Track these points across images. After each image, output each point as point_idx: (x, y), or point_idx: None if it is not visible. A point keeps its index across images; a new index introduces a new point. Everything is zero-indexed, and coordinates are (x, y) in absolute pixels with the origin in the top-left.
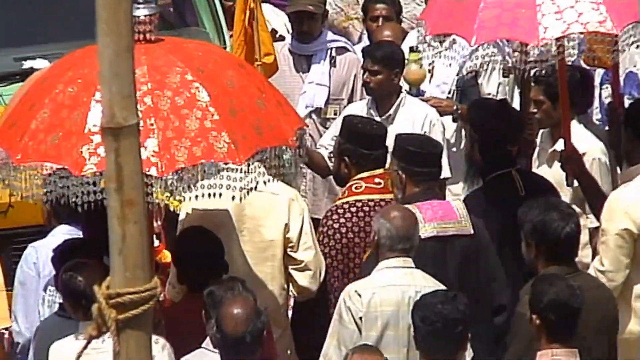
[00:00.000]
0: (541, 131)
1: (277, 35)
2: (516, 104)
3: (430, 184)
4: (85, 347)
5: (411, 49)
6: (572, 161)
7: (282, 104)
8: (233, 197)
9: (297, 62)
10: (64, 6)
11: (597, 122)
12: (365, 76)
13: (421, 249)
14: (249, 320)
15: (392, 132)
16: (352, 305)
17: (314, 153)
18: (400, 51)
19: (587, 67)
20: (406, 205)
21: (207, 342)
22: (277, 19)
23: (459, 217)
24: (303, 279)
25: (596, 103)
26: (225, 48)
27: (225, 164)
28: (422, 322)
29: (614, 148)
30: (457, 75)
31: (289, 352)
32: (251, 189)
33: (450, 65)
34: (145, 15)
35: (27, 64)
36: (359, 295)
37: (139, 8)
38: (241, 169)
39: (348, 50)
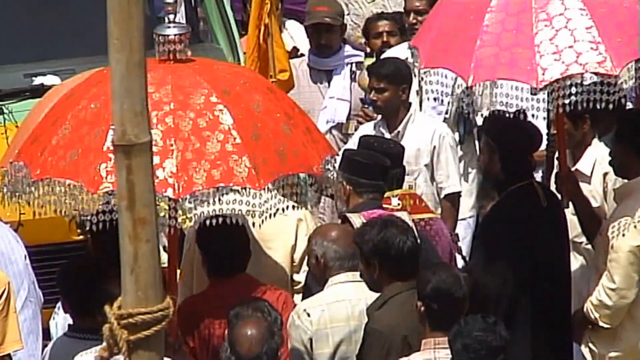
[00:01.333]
0: None
1: (299, 54)
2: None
3: (375, 195)
4: None
5: (366, 55)
6: (567, 182)
7: (311, 131)
8: (253, 224)
9: (317, 77)
10: (74, 22)
11: None
12: (372, 94)
13: None
14: (263, 340)
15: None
16: (301, 324)
17: None
18: (406, 66)
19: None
20: (352, 215)
21: None
22: (302, 36)
23: None
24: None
25: None
26: (239, 64)
27: (244, 188)
28: (464, 350)
29: None
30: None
31: None
32: (270, 215)
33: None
34: (175, 35)
35: (37, 80)
36: (308, 315)
37: (169, 27)
38: (261, 195)
39: None
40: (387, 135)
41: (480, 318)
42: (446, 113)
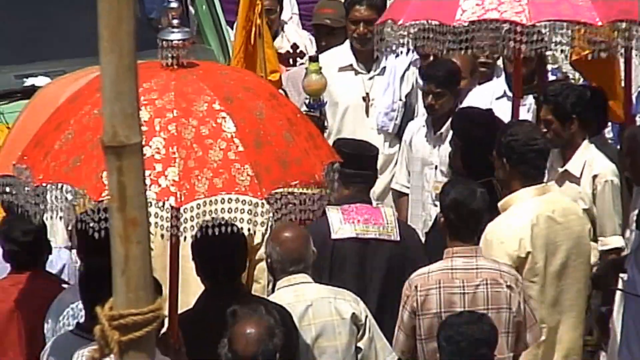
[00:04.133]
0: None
1: (298, 51)
2: None
3: (361, 187)
4: None
5: (310, 59)
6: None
7: (314, 137)
8: (249, 230)
9: None
10: (65, 24)
11: (610, 141)
12: (429, 99)
13: (340, 249)
14: (260, 340)
15: (443, 150)
16: None
17: None
18: (458, 68)
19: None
20: (330, 208)
21: None
22: (300, 37)
23: (385, 223)
24: (255, 291)
25: None
26: (229, 65)
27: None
28: (446, 342)
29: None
30: (401, 99)
31: None
32: (271, 225)
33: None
34: (179, 40)
35: (28, 82)
36: None
37: (173, 32)
38: (263, 204)
39: None
40: (431, 135)
41: (466, 312)
42: (396, 119)
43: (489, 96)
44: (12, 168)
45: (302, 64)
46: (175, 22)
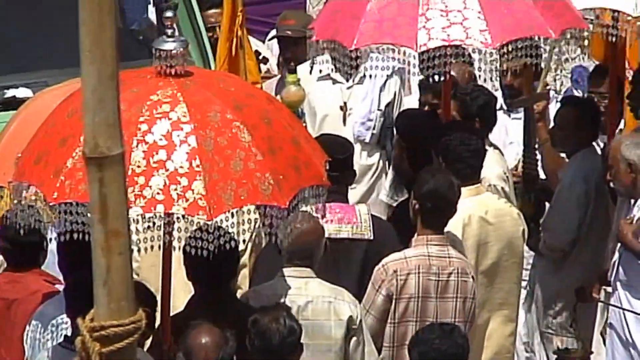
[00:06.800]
0: None
1: (261, 57)
2: None
3: (335, 187)
4: None
5: (289, 71)
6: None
7: (309, 140)
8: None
9: None
10: (46, 34)
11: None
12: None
13: None
14: (219, 347)
15: None
16: None
17: None
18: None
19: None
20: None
21: None
22: (260, 45)
23: (359, 222)
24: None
25: None
26: None
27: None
28: (420, 358)
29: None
30: (379, 109)
31: None
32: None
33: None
34: (175, 49)
35: (9, 93)
36: None
37: (167, 41)
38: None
39: None
40: None
41: (438, 326)
42: (374, 129)
43: None
44: (10, 185)
45: (267, 70)
46: (169, 31)
